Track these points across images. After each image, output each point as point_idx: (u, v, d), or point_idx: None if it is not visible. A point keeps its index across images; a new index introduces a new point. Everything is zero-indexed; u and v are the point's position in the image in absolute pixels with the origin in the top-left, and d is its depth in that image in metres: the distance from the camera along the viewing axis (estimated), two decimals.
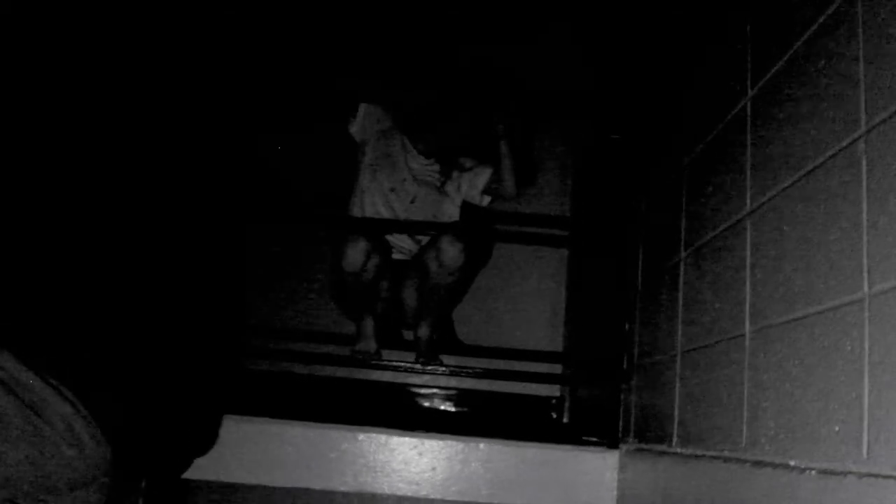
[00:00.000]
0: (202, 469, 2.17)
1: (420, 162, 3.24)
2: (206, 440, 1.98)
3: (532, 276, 3.65)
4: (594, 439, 2.41)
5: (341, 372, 3.29)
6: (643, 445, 2.05)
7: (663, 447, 1.85)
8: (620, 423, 2.32)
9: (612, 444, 2.31)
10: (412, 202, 3.17)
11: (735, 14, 1.64)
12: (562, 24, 3.58)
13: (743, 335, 1.43)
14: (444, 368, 2.93)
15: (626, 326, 2.33)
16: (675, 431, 1.78)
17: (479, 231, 3.29)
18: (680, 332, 1.82)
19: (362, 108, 3.21)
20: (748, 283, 1.43)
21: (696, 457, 1.63)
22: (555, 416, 3.42)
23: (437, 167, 3.25)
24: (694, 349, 1.70)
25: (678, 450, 1.75)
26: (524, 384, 3.38)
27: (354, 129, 3.22)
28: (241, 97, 3.26)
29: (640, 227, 2.30)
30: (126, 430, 1.41)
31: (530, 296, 3.63)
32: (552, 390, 3.48)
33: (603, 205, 2.83)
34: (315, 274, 3.46)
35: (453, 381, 3.35)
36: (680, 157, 1.93)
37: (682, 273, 1.84)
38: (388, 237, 3.13)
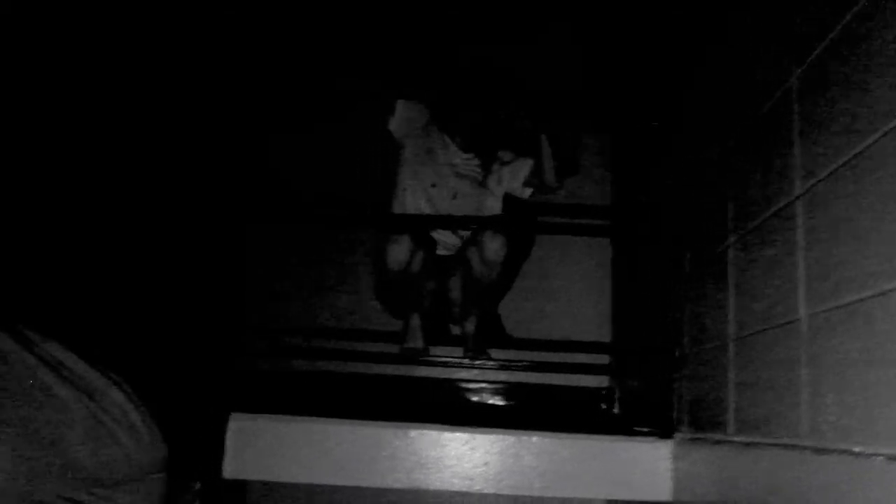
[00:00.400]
0: (255, 469, 2.19)
1: (460, 157, 3.22)
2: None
3: (575, 267, 3.64)
4: (645, 429, 2.39)
5: (388, 370, 3.30)
6: (698, 434, 2.03)
7: (719, 436, 1.83)
8: (674, 413, 2.29)
9: (665, 433, 2.29)
10: (454, 198, 3.16)
11: None
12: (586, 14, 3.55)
13: (798, 320, 1.40)
14: (492, 362, 2.92)
15: (677, 314, 2.30)
16: (732, 419, 1.76)
17: (520, 224, 3.28)
18: (731, 319, 1.79)
19: (400, 104, 3.18)
20: (801, 267, 1.40)
21: (755, 444, 1.61)
22: (605, 407, 3.39)
23: (476, 161, 3.24)
24: (747, 336, 1.68)
25: (735, 438, 1.73)
26: (572, 376, 3.37)
27: (393, 126, 3.20)
28: (247, 98, 3.28)
29: (686, 213, 2.27)
30: (179, 427, 1.41)
31: (574, 287, 3.62)
32: (600, 381, 3.47)
33: (646, 193, 2.80)
34: (360, 273, 3.48)
35: (501, 375, 3.34)
36: (724, 141, 1.90)
37: (730, 259, 1.81)
38: (432, 233, 3.13)
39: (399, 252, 2.77)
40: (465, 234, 3.14)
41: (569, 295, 3.60)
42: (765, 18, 1.69)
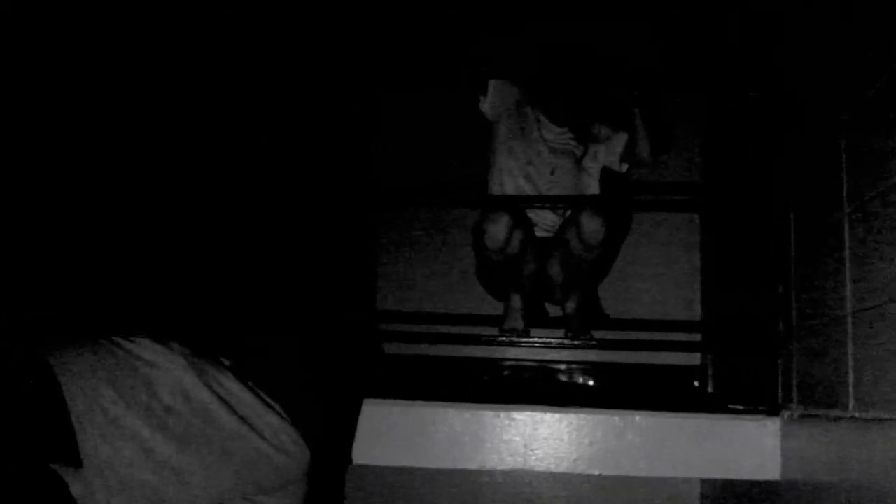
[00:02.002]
0: (382, 454, 2.22)
1: (554, 132, 3.20)
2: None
3: (662, 245, 3.59)
4: (740, 407, 2.35)
5: (480, 352, 3.31)
6: (810, 411, 1.98)
7: (837, 412, 1.78)
8: (779, 390, 2.24)
9: (772, 411, 2.24)
10: (552, 173, 3.13)
11: None
12: None
13: None
14: (594, 342, 2.91)
15: (780, 289, 2.25)
16: (851, 395, 1.71)
17: (619, 203, 3.24)
18: (849, 292, 1.74)
19: (492, 84, 3.16)
20: None
21: (878, 421, 1.56)
22: (697, 385, 3.35)
23: (571, 136, 3.21)
24: (869, 308, 1.63)
25: (856, 414, 1.68)
26: (663, 354, 3.34)
27: (486, 106, 3.18)
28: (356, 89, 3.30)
29: (788, 186, 2.21)
30: (321, 428, 1.51)
31: (661, 264, 3.57)
32: (691, 359, 3.42)
33: (741, 166, 2.74)
34: (454, 256, 3.49)
35: (597, 356, 3.33)
36: (836, 112, 1.84)
37: (846, 230, 1.76)
38: (531, 214, 3.11)
39: (497, 231, 2.76)
40: (566, 211, 3.11)
41: (655, 273, 3.56)
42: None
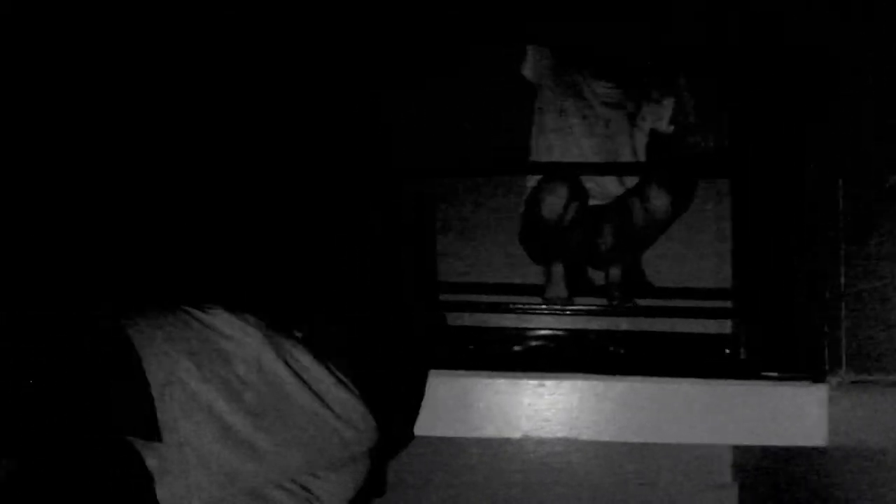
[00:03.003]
0: (441, 425, 2.22)
1: (603, 85, 3.17)
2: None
3: (692, 213, 3.56)
4: (774, 374, 2.34)
5: (513, 321, 3.31)
6: (864, 377, 1.97)
7: (894, 377, 1.77)
8: (826, 355, 2.22)
9: (817, 377, 2.23)
10: (606, 126, 3.11)
11: None
12: None
13: None
14: (638, 309, 2.91)
15: (827, 254, 2.22)
16: None
17: (687, 177, 3.22)
18: None
19: (530, 49, 3.16)
20: None
21: None
22: (730, 352, 3.35)
23: (621, 90, 3.18)
24: None
25: None
26: (693, 323, 3.34)
27: (527, 70, 3.17)
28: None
29: (835, 146, 2.18)
30: (389, 402, 1.50)
31: (692, 232, 3.55)
32: (722, 328, 3.42)
33: (777, 132, 2.71)
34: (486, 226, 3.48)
35: (632, 324, 3.32)
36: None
37: None
38: (587, 180, 3.08)
39: (554, 202, 2.74)
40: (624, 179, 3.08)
41: (685, 239, 3.53)
42: None
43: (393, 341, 1.62)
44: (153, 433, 1.15)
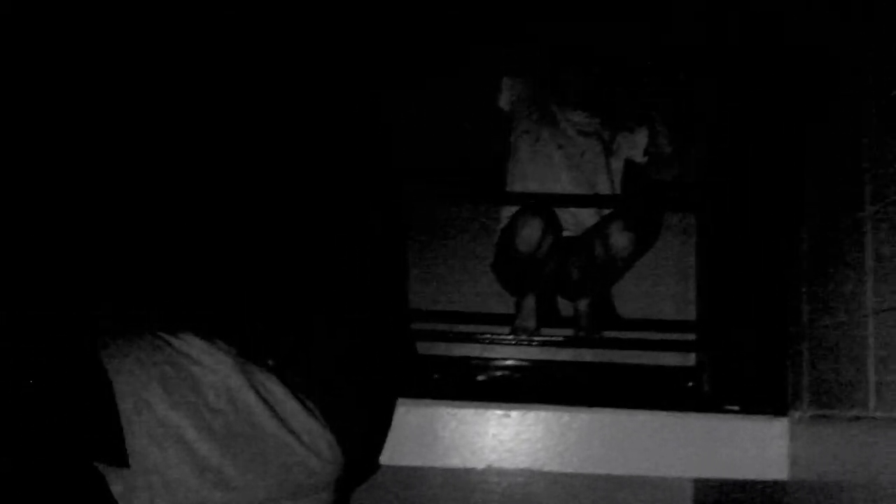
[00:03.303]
0: (402, 455, 2.21)
1: (579, 115, 3.20)
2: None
3: (657, 246, 3.60)
4: (736, 408, 2.36)
5: (481, 350, 3.31)
6: (825, 411, 1.99)
7: (855, 412, 1.79)
8: (788, 389, 2.25)
9: (779, 411, 2.25)
10: (582, 156, 3.13)
11: None
12: None
13: None
14: (605, 341, 2.92)
15: (790, 289, 2.26)
16: (872, 395, 1.72)
17: (651, 213, 3.25)
18: (870, 291, 1.75)
19: (505, 81, 3.20)
20: None
21: None
22: (692, 385, 3.37)
23: (597, 119, 3.21)
24: (893, 308, 1.64)
25: (878, 414, 1.69)
26: (660, 354, 3.37)
27: (503, 101, 3.20)
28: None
29: (799, 184, 2.22)
30: (357, 432, 1.49)
31: (654, 264, 3.58)
32: (686, 360, 3.45)
33: (746, 164, 2.75)
34: (453, 254, 3.48)
35: (598, 355, 3.33)
36: (853, 117, 1.85)
37: (869, 229, 1.77)
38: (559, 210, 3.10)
39: (530, 234, 2.76)
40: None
41: (651, 272, 3.56)
42: None
43: (364, 370, 1.61)
44: (120, 459, 1.14)
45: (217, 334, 1.32)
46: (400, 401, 2.24)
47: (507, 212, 3.09)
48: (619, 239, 2.77)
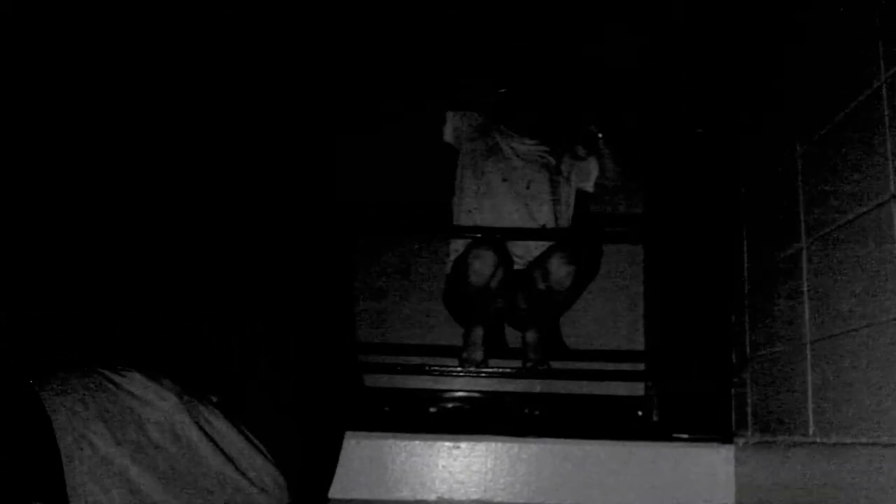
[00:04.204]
0: (354, 487, 2.20)
1: (525, 143, 3.23)
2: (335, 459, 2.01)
3: (603, 276, 3.65)
4: (685, 436, 2.39)
5: (429, 383, 3.31)
6: (768, 438, 2.03)
7: (796, 438, 1.83)
8: (733, 417, 2.29)
9: (725, 438, 2.29)
10: (528, 187, 3.15)
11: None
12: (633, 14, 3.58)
13: None
14: (554, 372, 2.94)
15: (733, 319, 2.30)
16: (812, 421, 1.76)
17: (589, 245, 3.29)
18: (808, 321, 1.79)
19: (449, 115, 3.22)
20: None
21: (844, 445, 1.61)
22: (642, 414, 3.40)
23: (544, 147, 3.24)
24: (829, 337, 1.68)
25: (818, 439, 1.73)
26: (612, 384, 3.39)
27: (447, 135, 3.22)
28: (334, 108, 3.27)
29: (740, 217, 2.28)
30: (302, 466, 1.49)
31: (603, 296, 3.62)
32: (635, 390, 3.48)
33: (689, 199, 2.81)
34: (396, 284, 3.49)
35: (547, 386, 3.35)
36: (790, 145, 1.91)
37: (804, 261, 1.82)
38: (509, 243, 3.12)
39: (483, 268, 2.78)
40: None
41: (599, 303, 3.61)
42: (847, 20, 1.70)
43: (310, 404, 1.61)
44: (59, 498, 1.12)
45: (160, 371, 1.31)
46: (349, 433, 2.24)
47: (455, 245, 3.11)
48: (558, 271, 2.80)
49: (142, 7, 1.89)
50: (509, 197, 3.13)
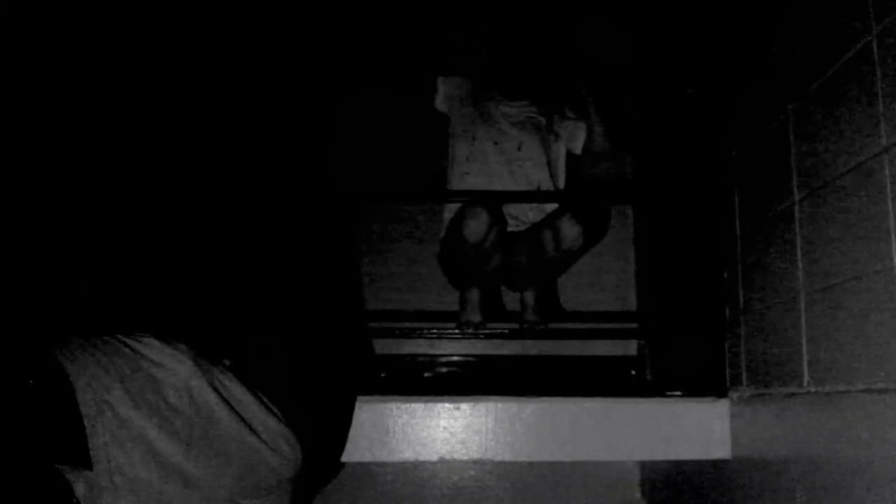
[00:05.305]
0: (359, 451, 2.24)
1: (514, 106, 3.24)
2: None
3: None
4: (678, 393, 2.43)
5: (427, 346, 3.35)
6: (762, 390, 2.07)
7: (791, 389, 1.87)
8: (727, 371, 2.33)
9: (720, 393, 2.33)
10: (519, 149, 3.16)
11: None
12: None
13: (891, 268, 1.44)
14: (551, 331, 2.98)
15: (725, 275, 2.34)
16: (806, 372, 1.80)
17: (598, 206, 3.31)
18: (801, 274, 1.83)
19: (440, 81, 3.22)
20: (891, 217, 1.44)
21: (838, 393, 1.65)
22: (635, 373, 3.45)
23: (532, 108, 3.26)
24: (822, 289, 1.72)
25: (812, 389, 1.77)
26: (597, 345, 3.45)
27: (438, 102, 3.23)
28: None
29: (731, 176, 2.31)
30: (316, 429, 1.52)
31: (597, 257, 3.65)
32: (628, 349, 3.53)
33: (680, 159, 2.84)
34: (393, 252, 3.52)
35: (541, 347, 3.40)
36: (782, 103, 1.93)
37: (797, 216, 1.85)
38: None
39: (478, 226, 2.78)
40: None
41: (591, 264, 3.63)
42: None
43: (322, 368, 1.64)
44: (83, 461, 1.15)
45: (176, 336, 1.33)
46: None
47: (449, 212, 3.13)
48: (570, 231, 2.83)
49: None
50: (501, 161, 3.14)
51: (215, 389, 1.34)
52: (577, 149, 3.27)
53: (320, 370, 1.63)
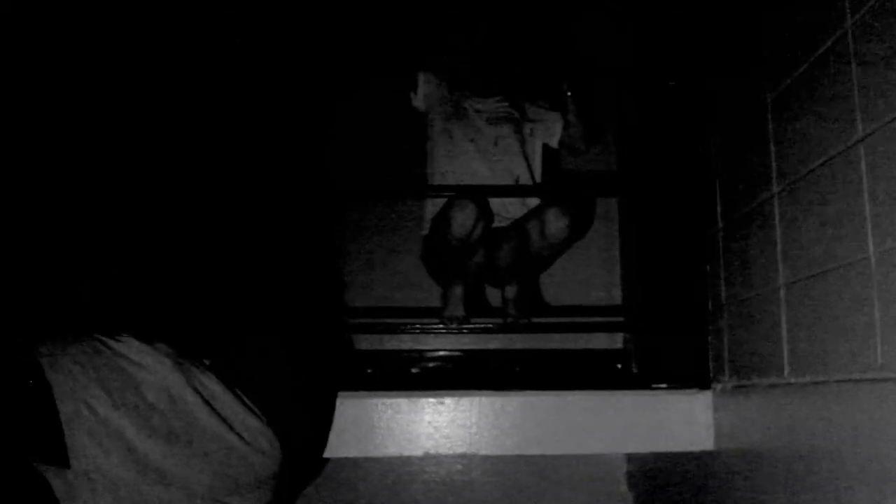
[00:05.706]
0: (342, 446, 2.23)
1: (490, 103, 3.24)
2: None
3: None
4: (663, 385, 2.44)
5: (412, 342, 3.35)
6: (744, 382, 2.08)
7: (772, 380, 1.88)
8: (710, 363, 2.34)
9: (703, 385, 2.34)
10: (495, 144, 3.17)
11: None
12: None
13: (867, 258, 1.45)
14: (534, 325, 2.98)
15: (708, 268, 2.35)
16: (787, 362, 1.81)
17: (584, 198, 3.31)
18: (780, 265, 1.84)
19: (421, 77, 3.22)
20: (868, 207, 1.45)
21: (816, 384, 1.66)
22: (621, 367, 3.46)
23: (506, 103, 3.26)
24: (802, 279, 1.73)
25: (792, 379, 1.78)
26: (583, 339, 3.46)
27: (418, 100, 3.23)
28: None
29: (713, 170, 2.32)
30: (296, 426, 1.52)
31: (581, 252, 3.66)
32: (613, 343, 3.54)
33: (662, 152, 2.84)
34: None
35: (526, 342, 3.40)
36: (761, 94, 1.94)
37: (776, 207, 1.86)
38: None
39: (465, 218, 2.78)
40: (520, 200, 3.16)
41: (576, 259, 3.64)
42: None
43: (302, 366, 1.64)
44: (61, 460, 1.15)
45: (155, 336, 1.33)
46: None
47: (431, 209, 3.14)
48: (557, 224, 2.83)
49: None
50: (477, 157, 3.15)
51: (195, 389, 1.34)
52: (554, 142, 3.28)
53: (300, 368, 1.63)
